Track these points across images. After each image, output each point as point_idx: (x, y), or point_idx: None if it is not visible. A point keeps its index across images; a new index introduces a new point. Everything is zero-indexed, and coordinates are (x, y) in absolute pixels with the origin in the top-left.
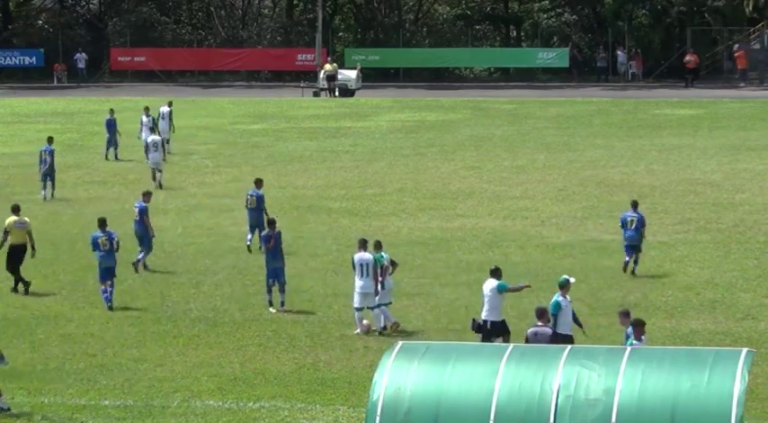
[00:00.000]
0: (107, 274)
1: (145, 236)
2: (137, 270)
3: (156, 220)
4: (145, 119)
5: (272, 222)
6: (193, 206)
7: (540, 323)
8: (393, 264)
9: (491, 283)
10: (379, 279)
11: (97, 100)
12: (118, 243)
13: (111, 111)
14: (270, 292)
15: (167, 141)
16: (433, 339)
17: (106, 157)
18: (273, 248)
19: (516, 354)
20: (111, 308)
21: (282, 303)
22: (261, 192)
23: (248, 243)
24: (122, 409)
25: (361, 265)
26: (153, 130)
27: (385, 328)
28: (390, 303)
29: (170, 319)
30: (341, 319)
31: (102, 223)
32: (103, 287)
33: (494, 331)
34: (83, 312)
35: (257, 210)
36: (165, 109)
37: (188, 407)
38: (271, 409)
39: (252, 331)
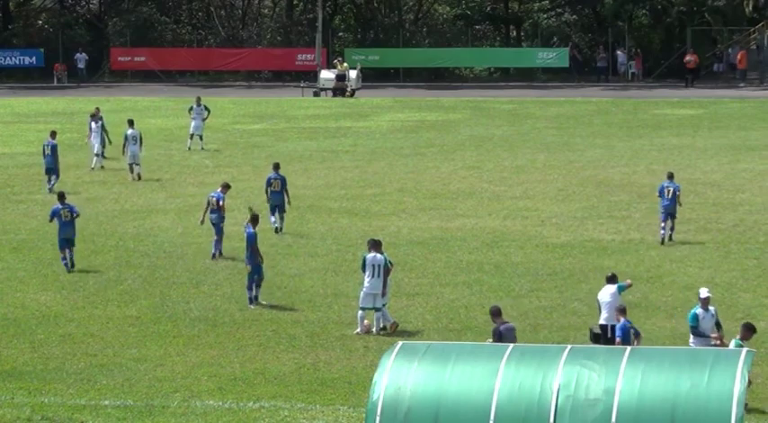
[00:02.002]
0: (66, 243)
1: (219, 224)
2: (215, 257)
3: (155, 219)
4: (93, 125)
5: (255, 218)
6: (193, 206)
7: (498, 320)
8: (390, 264)
9: (609, 289)
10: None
11: (97, 100)
12: (77, 214)
13: (97, 109)
14: (251, 288)
15: (200, 137)
16: (433, 339)
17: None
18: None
19: (516, 354)
20: (71, 270)
21: (256, 297)
22: (282, 174)
23: (275, 226)
24: (122, 409)
25: (373, 265)
26: (104, 135)
27: (384, 328)
28: (386, 305)
29: (170, 319)
30: (341, 319)
31: (62, 197)
32: (62, 255)
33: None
34: (83, 312)
35: (281, 192)
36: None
37: (188, 407)
38: (271, 409)
39: (252, 331)
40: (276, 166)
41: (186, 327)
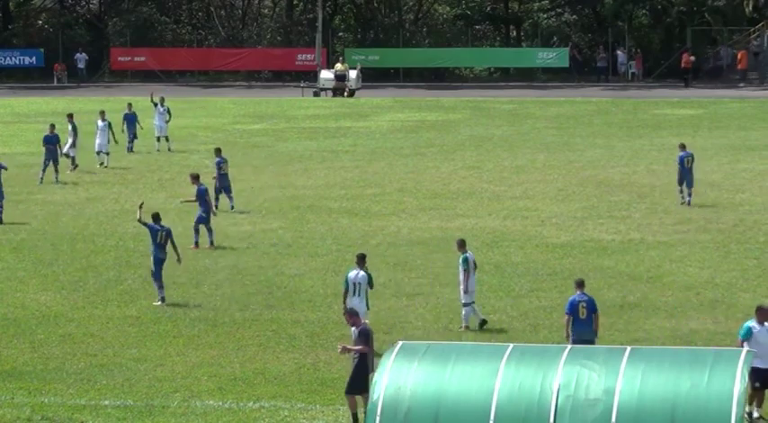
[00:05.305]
0: None
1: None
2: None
3: None
4: (100, 123)
5: (158, 217)
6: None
7: (359, 320)
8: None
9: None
10: (463, 279)
11: (97, 100)
12: (5, 167)
13: (129, 105)
14: (161, 285)
15: (166, 139)
16: (433, 339)
17: (130, 150)
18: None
19: (516, 354)
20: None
21: (163, 299)
22: (225, 157)
23: (230, 205)
24: (122, 409)
25: (355, 284)
26: (110, 134)
27: (485, 322)
28: (473, 302)
29: (170, 319)
30: (341, 319)
31: None
32: None
33: None
34: (83, 312)
35: (227, 173)
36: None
37: (188, 407)
38: (271, 409)
39: (252, 331)
40: (219, 151)
41: (186, 327)
